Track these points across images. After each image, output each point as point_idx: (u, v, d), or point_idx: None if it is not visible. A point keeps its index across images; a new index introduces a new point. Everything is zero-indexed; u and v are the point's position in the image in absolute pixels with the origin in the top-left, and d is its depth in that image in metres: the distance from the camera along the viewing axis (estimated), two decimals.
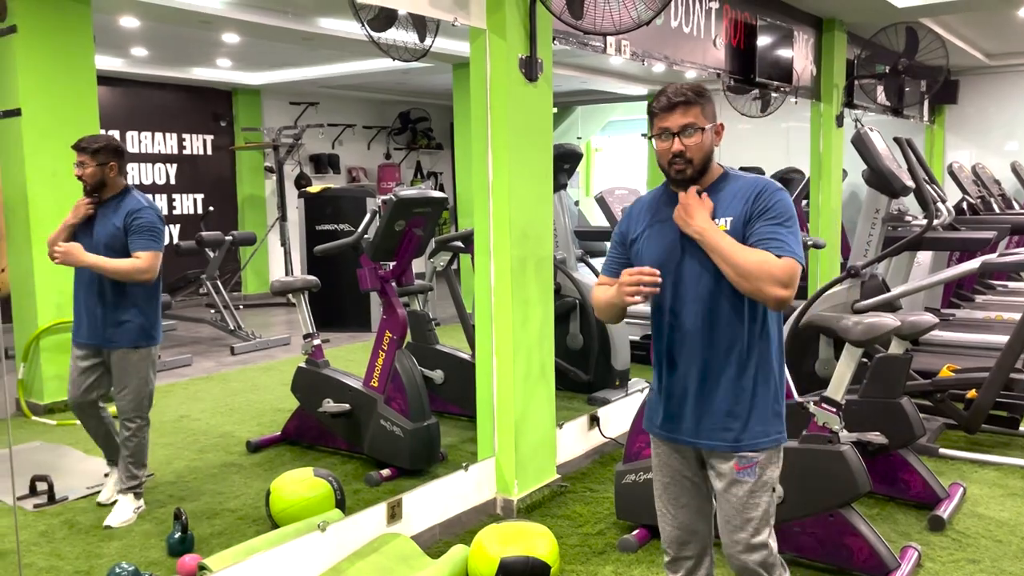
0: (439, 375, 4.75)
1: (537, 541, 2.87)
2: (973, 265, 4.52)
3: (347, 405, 4.07)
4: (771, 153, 9.19)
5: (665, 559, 2.24)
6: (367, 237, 4.23)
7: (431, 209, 4.20)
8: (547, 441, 3.79)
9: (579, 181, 13.07)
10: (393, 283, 4.19)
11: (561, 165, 5.03)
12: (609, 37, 3.93)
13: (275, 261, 9.72)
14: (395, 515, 3.14)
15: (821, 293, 4.39)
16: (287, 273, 9.24)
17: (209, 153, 9.60)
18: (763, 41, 5.43)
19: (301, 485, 3.30)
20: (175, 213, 9.23)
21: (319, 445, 4.28)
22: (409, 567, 2.91)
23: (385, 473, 3.86)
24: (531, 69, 3.47)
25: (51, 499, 3.59)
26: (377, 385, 4.02)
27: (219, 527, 3.38)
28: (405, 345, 4.13)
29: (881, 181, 4.60)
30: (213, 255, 7.31)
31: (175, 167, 9.25)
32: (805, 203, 7.57)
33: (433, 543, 3.26)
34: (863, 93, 6.95)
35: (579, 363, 5.23)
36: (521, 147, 3.51)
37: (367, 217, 4.39)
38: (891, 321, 2.92)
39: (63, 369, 4.47)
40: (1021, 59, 9.45)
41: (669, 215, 2.03)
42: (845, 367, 2.91)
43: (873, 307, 4.31)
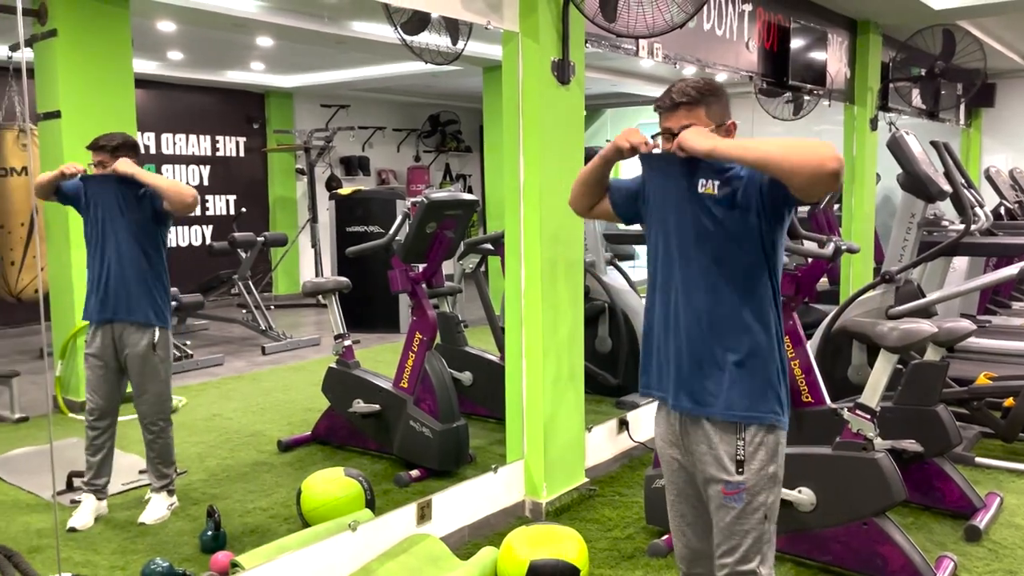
0: (468, 377, 4.77)
1: (566, 544, 2.87)
2: (1012, 271, 4.45)
3: (377, 406, 4.10)
4: None
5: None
6: (398, 239, 4.25)
7: (462, 211, 4.21)
8: (576, 444, 3.79)
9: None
10: (423, 285, 4.21)
11: None
12: (641, 40, 3.92)
13: (305, 262, 9.81)
14: (425, 516, 3.15)
15: (854, 298, 4.34)
16: (317, 274, 9.32)
17: (242, 155, 9.71)
18: (797, 43, 5.38)
19: (332, 485, 3.32)
20: (208, 214, 9.34)
21: (349, 445, 4.31)
22: (438, 568, 2.92)
23: (414, 474, 3.88)
24: (563, 72, 3.47)
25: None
26: (407, 386, 4.04)
27: (251, 525, 3.42)
28: (434, 346, 4.15)
29: (917, 185, 4.54)
30: (245, 256, 7.39)
31: (208, 169, 9.37)
32: (837, 207, 7.48)
33: (462, 544, 3.27)
34: (898, 96, 6.86)
35: (607, 366, 5.22)
36: (553, 150, 3.51)
37: (398, 219, 4.41)
38: (928, 327, 2.88)
39: None
40: None
41: (666, 181, 2.02)
42: (880, 373, 2.87)
43: (908, 313, 4.25)
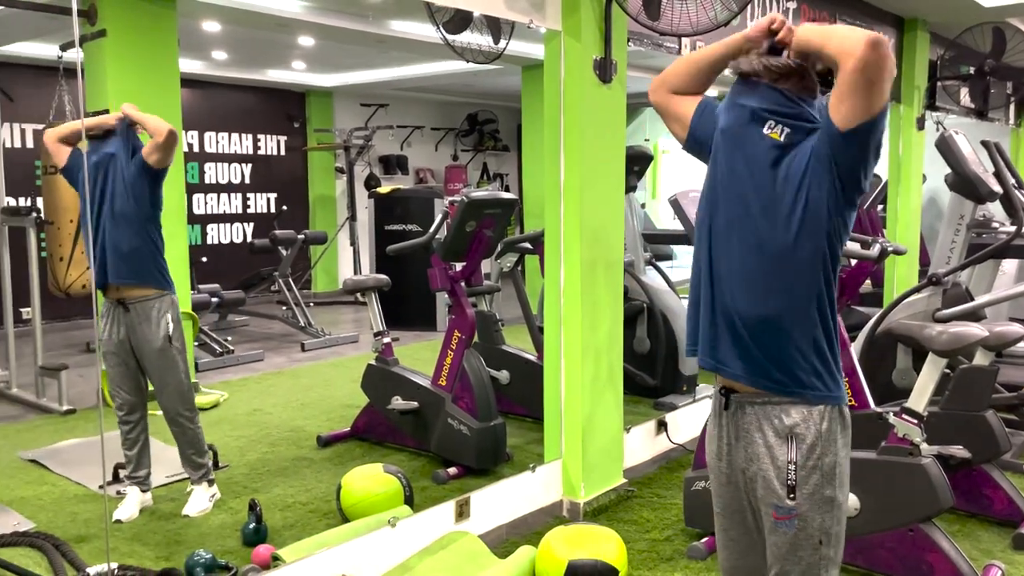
0: (505, 375, 4.77)
1: (605, 545, 2.86)
2: None
3: (415, 403, 4.12)
4: None
5: None
6: (438, 238, 4.27)
7: (501, 210, 4.22)
8: (614, 445, 3.77)
9: (646, 183, 12.95)
10: (463, 283, 4.23)
11: (631, 167, 4.99)
12: (684, 38, 3.89)
13: (344, 260, 9.89)
14: (463, 513, 3.16)
15: (900, 301, 4.26)
16: (355, 272, 9.40)
17: (282, 153, 9.83)
18: None
19: (371, 481, 3.35)
20: (249, 212, 9.47)
21: (387, 442, 4.33)
22: (477, 565, 2.93)
23: (452, 471, 3.89)
24: (605, 71, 3.45)
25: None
26: (445, 384, 4.06)
27: (291, 519, 3.45)
28: (472, 345, 4.16)
29: (966, 186, 4.44)
30: (286, 253, 7.48)
31: (250, 167, 9.50)
32: (881, 208, 7.36)
33: (499, 543, 3.27)
34: (946, 95, 6.71)
35: (645, 367, 5.19)
36: (594, 149, 3.50)
37: (438, 218, 4.43)
38: (978, 331, 2.82)
39: None
40: None
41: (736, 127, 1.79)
42: (928, 377, 2.81)
43: (956, 316, 4.16)
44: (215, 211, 9.13)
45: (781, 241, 1.71)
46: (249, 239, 9.14)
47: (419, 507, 3.33)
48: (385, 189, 8.16)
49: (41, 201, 5.88)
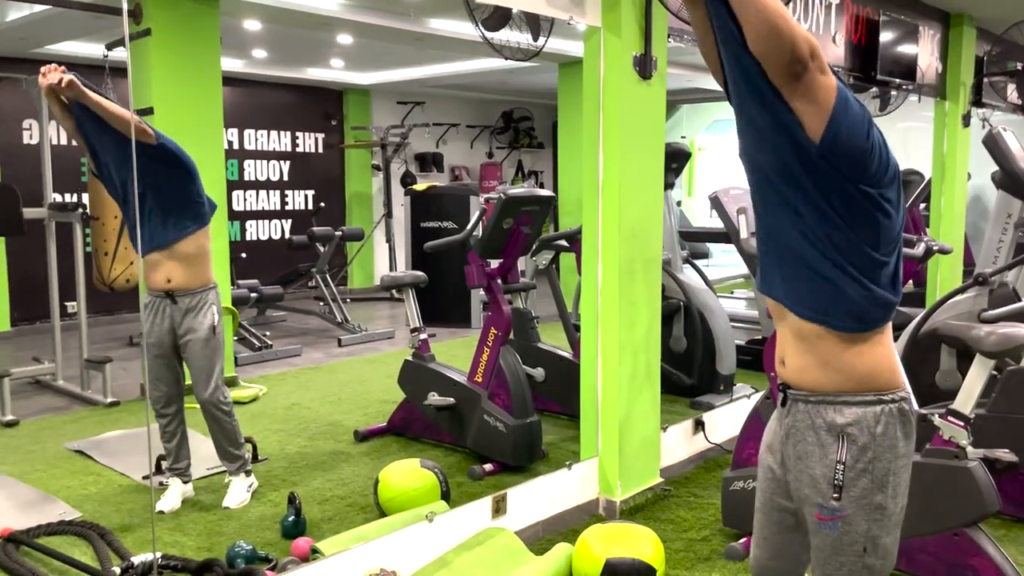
0: (540, 373, 4.77)
1: (643, 543, 2.85)
2: None
3: (452, 399, 4.13)
4: None
5: None
6: (475, 234, 4.28)
7: (538, 207, 4.22)
8: (651, 444, 3.75)
9: (682, 181, 12.86)
10: (499, 280, 4.23)
11: (669, 164, 4.96)
12: None
13: (380, 257, 9.96)
14: (500, 509, 3.17)
15: (944, 301, 4.17)
16: (391, 268, 9.46)
17: (320, 151, 9.93)
18: (886, 37, 5.20)
19: (409, 476, 3.37)
20: (287, 208, 9.58)
21: (423, 437, 4.36)
22: (514, 562, 2.93)
23: (487, 467, 3.90)
24: (645, 67, 3.43)
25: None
26: (481, 380, 4.07)
27: (329, 512, 3.49)
28: (507, 342, 4.16)
29: (1014, 184, 4.34)
30: (323, 250, 7.55)
31: (288, 164, 9.61)
32: (924, 206, 7.22)
33: (536, 540, 3.27)
34: (992, 91, 6.57)
35: (682, 366, 5.15)
36: (633, 146, 3.48)
37: (475, 215, 4.44)
38: None
39: None
40: None
41: None
42: (975, 379, 2.75)
43: (1003, 317, 4.06)
44: (254, 208, 9.25)
45: None
46: (287, 235, 9.25)
47: (455, 503, 3.34)
48: (421, 186, 8.20)
49: (87, 197, 6.01)
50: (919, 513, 2.80)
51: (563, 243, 5.09)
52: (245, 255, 8.75)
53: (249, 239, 9.20)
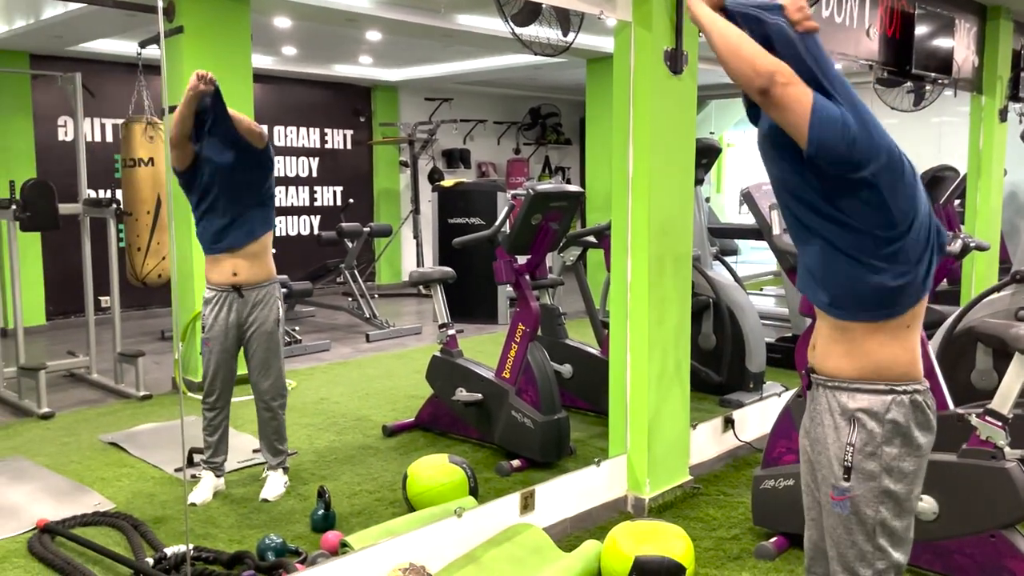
0: (568, 369, 4.76)
1: (672, 541, 2.83)
2: None
3: (479, 395, 4.14)
4: (921, 149, 8.66)
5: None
6: (504, 231, 4.28)
7: (567, 203, 4.21)
8: (680, 441, 3.73)
9: (710, 177, 12.75)
10: (527, 276, 4.23)
11: (699, 160, 4.92)
12: None
13: (407, 253, 10.00)
14: (528, 506, 3.17)
15: (980, 299, 4.09)
16: (418, 264, 9.49)
17: (349, 147, 9.98)
18: (921, 30, 5.11)
19: (437, 471, 3.38)
20: (316, 204, 9.64)
21: (451, 433, 4.37)
22: (542, 558, 2.93)
23: (515, 463, 3.90)
24: (676, 62, 3.41)
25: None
26: (509, 376, 4.07)
27: (358, 506, 3.51)
28: (535, 338, 4.15)
29: None
30: (351, 246, 7.59)
31: (317, 160, 9.67)
32: (959, 203, 7.10)
33: (564, 536, 3.26)
34: None
35: (711, 364, 5.11)
36: (663, 141, 3.45)
37: (503, 211, 4.44)
38: None
39: None
40: None
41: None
42: (1014, 379, 2.70)
43: None
44: (283, 204, 9.32)
45: None
46: (316, 231, 9.31)
47: (483, 498, 3.35)
48: (448, 182, 8.21)
49: (120, 193, 6.10)
50: (955, 514, 2.76)
51: (591, 239, 5.07)
52: (275, 251, 8.80)
53: (278, 235, 9.25)
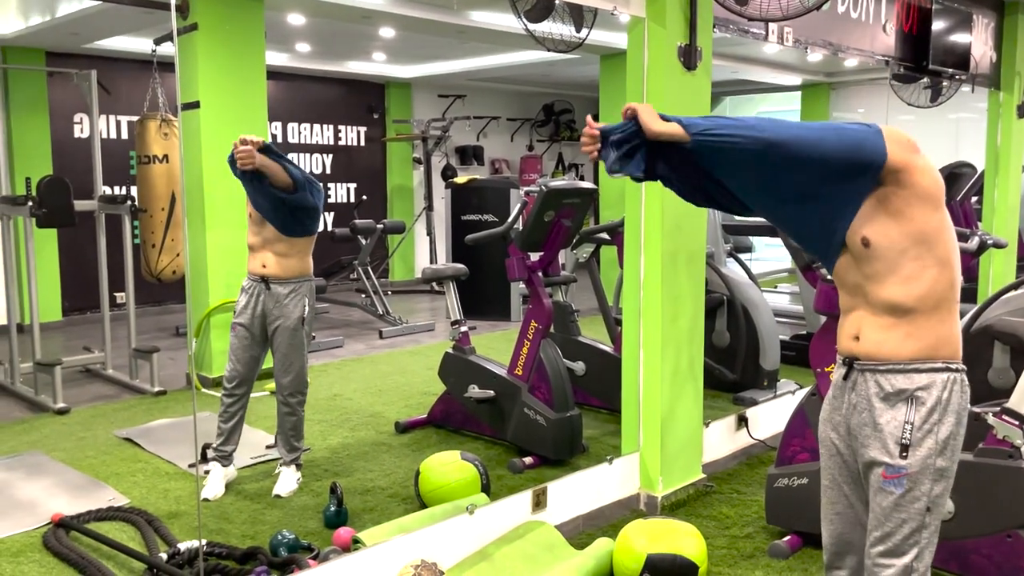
0: (580, 367, 4.74)
1: (685, 540, 2.82)
2: None
3: (492, 392, 4.14)
4: (938, 147, 8.59)
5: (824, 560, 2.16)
6: (516, 227, 4.27)
7: (580, 200, 4.19)
8: (693, 439, 3.71)
9: None
10: (540, 273, 4.22)
11: None
12: (772, 24, 3.78)
13: (420, 249, 10.01)
14: (540, 503, 3.16)
15: (997, 297, 4.05)
16: (431, 261, 9.50)
17: (362, 144, 9.99)
18: (938, 25, 5.06)
19: (449, 468, 3.38)
20: (330, 201, 9.66)
21: (464, 429, 4.37)
22: (554, 556, 2.92)
23: (527, 461, 3.90)
24: (690, 57, 3.39)
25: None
26: (521, 373, 4.06)
27: (370, 503, 3.52)
28: (547, 335, 4.15)
29: None
30: (365, 242, 7.61)
31: (331, 157, 9.69)
32: (976, 199, 7.03)
33: (576, 534, 3.26)
34: None
35: (725, 361, 5.09)
36: None
37: (517, 208, 4.43)
38: None
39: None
40: None
41: None
42: None
43: None
44: None
45: None
46: (330, 228, 9.33)
47: (495, 495, 3.35)
48: (462, 179, 8.21)
49: (135, 190, 6.14)
50: (972, 514, 2.73)
51: (604, 236, 5.05)
52: None
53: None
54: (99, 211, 5.53)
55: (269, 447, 4.04)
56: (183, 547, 2.95)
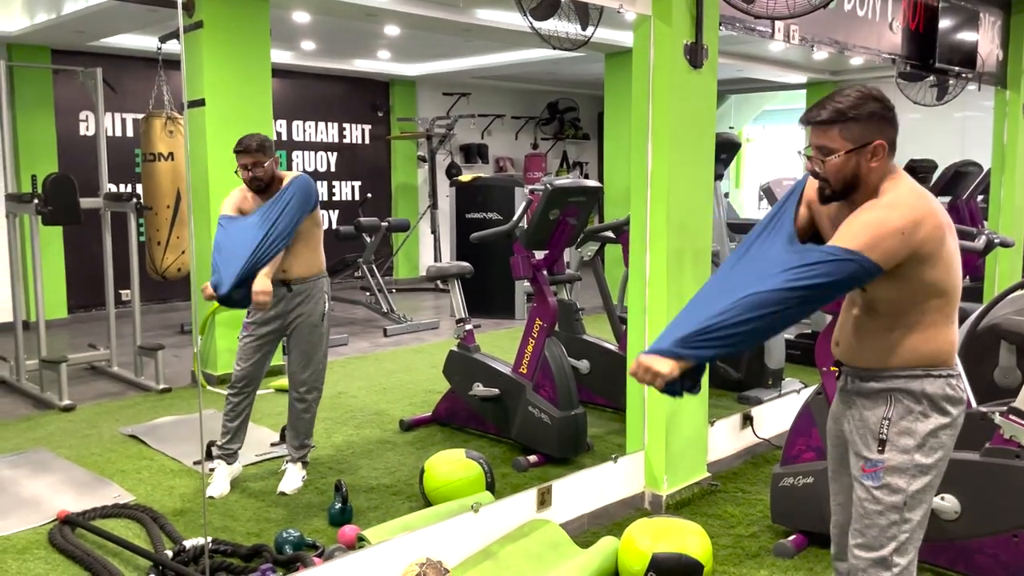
0: (585, 365, 4.74)
1: (690, 538, 2.81)
2: None
3: (497, 390, 4.13)
4: (944, 145, 8.56)
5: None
6: (521, 226, 4.26)
7: (585, 198, 4.19)
8: (698, 438, 3.71)
9: (729, 172, 12.67)
10: (545, 272, 4.21)
11: (719, 155, 4.87)
12: (778, 22, 3.77)
13: (425, 247, 10.01)
14: (545, 501, 3.16)
15: (1004, 296, 4.04)
16: (436, 259, 9.50)
17: (367, 142, 10.00)
18: (945, 23, 5.05)
19: (454, 466, 3.38)
20: (334, 199, 9.67)
21: (468, 427, 4.37)
22: (559, 554, 2.92)
23: (532, 459, 3.90)
24: (696, 55, 3.38)
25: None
26: (526, 372, 4.06)
27: (375, 501, 3.52)
28: (552, 333, 4.14)
29: None
30: (369, 240, 7.61)
31: (335, 155, 9.69)
32: (982, 198, 7.02)
33: (581, 532, 3.25)
34: None
35: (729, 360, 5.08)
36: (682, 136, 3.43)
37: (521, 206, 4.42)
38: None
39: (235, 343, 4.78)
40: None
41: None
42: None
43: None
44: None
45: None
46: (334, 226, 9.34)
47: (499, 493, 3.35)
48: (466, 177, 8.21)
49: (141, 187, 6.14)
50: (977, 513, 2.72)
51: (609, 234, 5.05)
52: None
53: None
54: (105, 209, 5.53)
55: (274, 445, 4.05)
56: (188, 544, 2.95)
